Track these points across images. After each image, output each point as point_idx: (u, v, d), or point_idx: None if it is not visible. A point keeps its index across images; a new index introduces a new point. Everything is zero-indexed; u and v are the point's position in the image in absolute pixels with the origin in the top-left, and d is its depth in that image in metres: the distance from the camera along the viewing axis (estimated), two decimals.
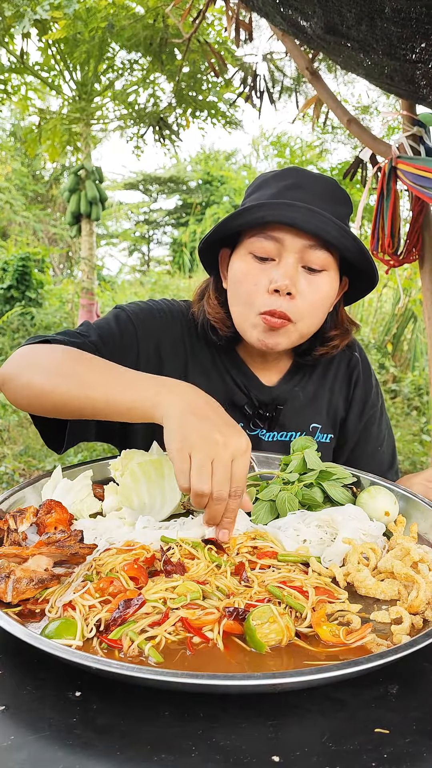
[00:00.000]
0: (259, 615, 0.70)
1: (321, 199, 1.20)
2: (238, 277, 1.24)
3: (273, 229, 1.18)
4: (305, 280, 1.20)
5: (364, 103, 6.72)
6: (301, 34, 2.06)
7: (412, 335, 8.54)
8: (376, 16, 1.64)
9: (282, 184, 1.23)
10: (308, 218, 1.15)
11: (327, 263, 1.21)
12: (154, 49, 6.28)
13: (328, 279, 1.23)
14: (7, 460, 5.06)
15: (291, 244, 1.18)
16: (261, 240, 1.20)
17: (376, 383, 1.50)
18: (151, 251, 20.79)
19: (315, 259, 1.19)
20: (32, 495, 1.06)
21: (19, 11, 4.92)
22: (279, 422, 1.38)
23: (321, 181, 1.25)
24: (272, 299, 1.19)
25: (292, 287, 1.18)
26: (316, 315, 1.24)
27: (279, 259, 1.20)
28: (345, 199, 1.27)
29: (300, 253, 1.19)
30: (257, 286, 1.21)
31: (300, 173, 1.26)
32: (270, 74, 4.64)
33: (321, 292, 1.22)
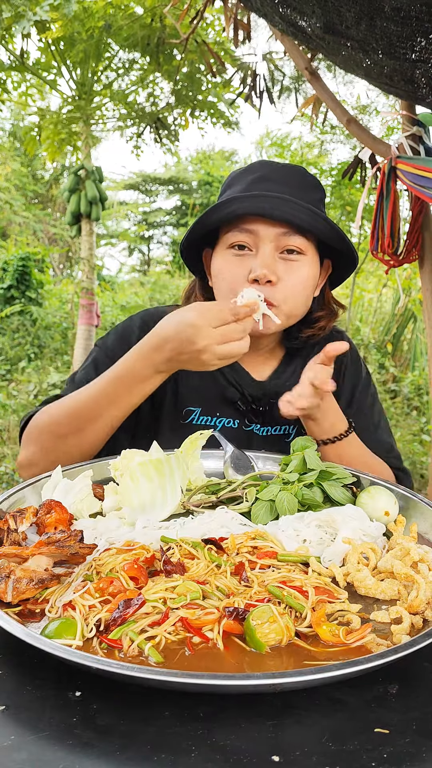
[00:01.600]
0: (259, 615, 0.70)
1: (290, 187, 1.25)
2: (219, 271, 1.29)
3: (246, 222, 1.24)
4: (283, 266, 1.25)
5: (363, 103, 6.72)
6: (300, 34, 2.06)
7: (412, 335, 8.55)
8: (376, 15, 1.64)
9: (251, 177, 1.29)
10: (278, 206, 1.20)
11: (303, 247, 1.26)
12: (152, 49, 6.28)
13: (307, 262, 1.27)
14: (7, 460, 5.06)
15: (265, 233, 1.23)
16: (236, 234, 1.25)
17: (366, 373, 1.52)
18: (151, 251, 20.79)
19: (291, 244, 1.24)
20: (32, 495, 1.06)
21: (18, 12, 4.92)
22: (272, 417, 1.39)
23: (288, 170, 1.30)
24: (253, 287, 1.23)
25: (271, 275, 1.22)
26: (298, 297, 1.28)
27: (256, 250, 1.25)
28: (315, 184, 1.32)
29: (275, 241, 1.24)
30: (237, 276, 1.25)
31: (267, 165, 1.32)
32: (270, 74, 4.64)
33: (300, 276, 1.26)
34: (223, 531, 0.96)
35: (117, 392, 1.18)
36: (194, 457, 1.23)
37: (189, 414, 1.40)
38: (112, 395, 1.18)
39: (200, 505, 1.07)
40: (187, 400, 1.40)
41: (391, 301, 9.30)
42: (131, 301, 11.37)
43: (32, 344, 8.78)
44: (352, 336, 9.10)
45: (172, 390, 1.40)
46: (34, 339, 8.85)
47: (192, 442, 1.23)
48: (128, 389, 1.18)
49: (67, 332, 9.33)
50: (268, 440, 1.40)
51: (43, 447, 1.24)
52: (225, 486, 1.14)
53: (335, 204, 8.56)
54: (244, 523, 1.01)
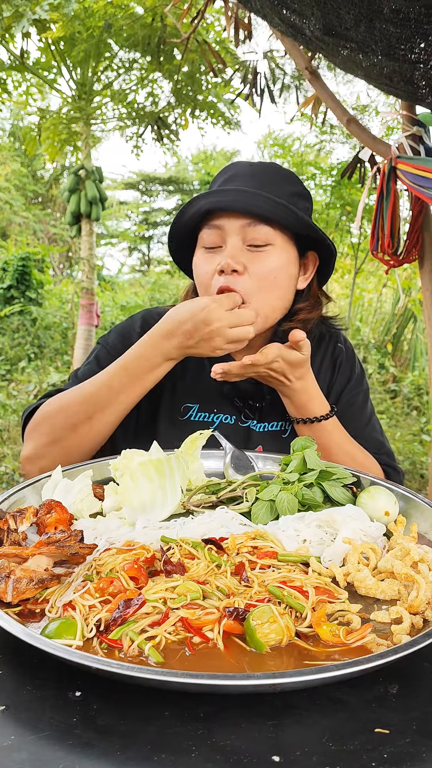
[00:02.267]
0: (259, 615, 0.70)
1: (257, 181, 1.28)
2: (195, 270, 1.34)
3: (213, 218, 1.28)
4: (251, 257, 1.27)
5: (363, 103, 6.72)
6: (300, 35, 2.06)
7: (412, 335, 8.55)
8: (375, 17, 1.64)
9: (222, 178, 1.34)
10: (237, 198, 1.24)
11: (270, 237, 1.27)
12: (152, 48, 6.28)
13: (276, 252, 1.28)
14: (7, 460, 5.06)
15: (229, 227, 1.26)
16: (207, 231, 1.30)
17: (361, 371, 1.53)
18: (151, 251, 20.79)
19: (257, 235, 1.26)
20: (32, 495, 1.06)
21: (18, 11, 4.92)
22: (269, 413, 1.40)
23: (259, 167, 1.34)
24: (220, 279, 1.26)
25: (235, 264, 1.24)
26: (269, 289, 1.28)
27: (224, 245, 1.28)
28: (288, 177, 1.34)
29: (240, 233, 1.26)
30: (207, 273, 1.29)
31: (238, 165, 1.36)
32: (271, 72, 4.64)
33: (268, 265, 1.27)
34: (223, 531, 0.96)
35: (128, 380, 1.23)
36: (194, 457, 1.23)
37: (187, 410, 1.41)
38: (123, 383, 1.23)
39: (200, 505, 1.08)
40: (185, 396, 1.41)
41: (391, 301, 9.30)
42: (131, 301, 11.38)
43: (32, 344, 8.79)
44: (352, 336, 9.10)
45: (169, 387, 1.41)
46: (34, 339, 8.85)
47: (192, 442, 1.23)
48: (138, 377, 1.23)
49: (67, 332, 9.33)
50: (264, 436, 1.41)
51: (52, 437, 1.26)
52: (225, 486, 1.14)
53: (335, 204, 8.56)
54: (244, 523, 1.01)
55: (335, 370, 1.49)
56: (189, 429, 1.27)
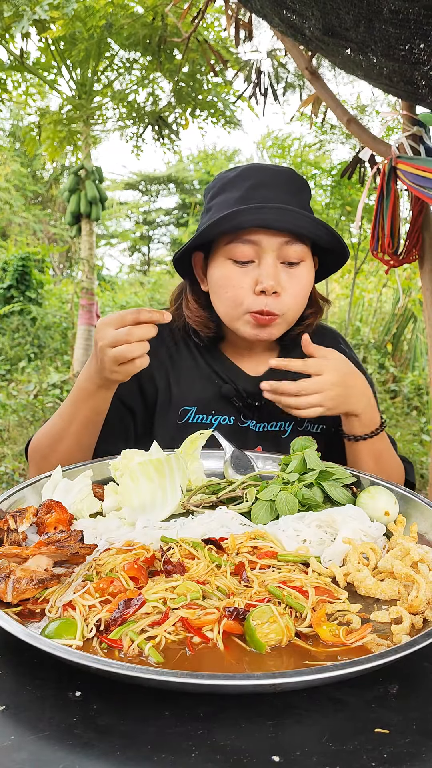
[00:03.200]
0: (259, 615, 0.70)
1: (285, 193, 1.25)
2: (221, 282, 1.28)
3: (248, 233, 1.23)
4: (286, 275, 1.26)
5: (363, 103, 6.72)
6: (300, 35, 2.06)
7: (412, 335, 8.55)
8: (374, 17, 1.64)
9: (246, 184, 1.27)
10: (280, 217, 1.20)
11: (303, 254, 1.27)
12: (153, 48, 6.28)
13: (306, 268, 1.29)
14: (7, 460, 5.06)
15: (268, 244, 1.23)
16: (238, 245, 1.24)
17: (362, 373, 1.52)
18: (151, 251, 20.79)
19: (292, 253, 1.25)
20: (32, 495, 1.06)
21: (18, 11, 4.92)
22: (268, 413, 1.40)
23: (281, 174, 1.29)
24: (259, 299, 1.24)
25: (277, 286, 1.23)
26: (300, 304, 1.30)
27: (259, 260, 1.25)
28: (304, 184, 1.32)
29: (277, 250, 1.24)
30: (243, 288, 1.25)
31: (259, 170, 1.30)
32: (274, 70, 4.63)
33: (302, 283, 1.28)
34: (223, 531, 0.96)
35: (74, 410, 1.25)
36: (194, 457, 1.23)
37: (185, 413, 1.40)
38: (71, 414, 1.26)
39: (200, 505, 1.08)
40: (182, 400, 1.41)
41: (391, 301, 9.30)
42: (131, 301, 11.37)
43: (32, 344, 8.78)
44: (352, 336, 9.10)
45: (165, 391, 1.40)
46: (34, 339, 8.85)
47: (192, 442, 1.23)
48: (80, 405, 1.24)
49: (67, 332, 9.33)
50: (263, 436, 1.41)
51: (36, 468, 1.33)
52: (225, 486, 1.14)
53: (335, 204, 8.56)
54: (244, 523, 1.01)
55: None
56: (188, 431, 1.27)
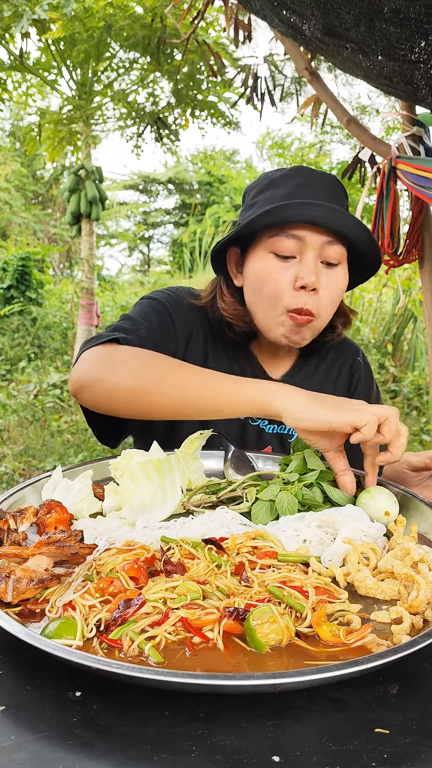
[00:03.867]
0: (259, 615, 0.70)
1: (329, 194, 1.25)
2: (260, 276, 1.27)
3: (294, 228, 1.22)
4: (325, 275, 1.25)
5: (364, 104, 6.72)
6: (300, 36, 2.06)
7: (412, 335, 8.55)
8: (375, 17, 1.64)
9: (293, 182, 1.27)
10: (328, 215, 1.20)
11: (342, 257, 1.26)
12: (152, 49, 6.28)
13: (343, 272, 1.28)
14: (7, 460, 5.06)
15: (312, 241, 1.22)
16: (282, 239, 1.23)
17: (376, 389, 1.55)
18: (151, 251, 20.79)
19: (333, 254, 1.24)
20: (32, 495, 1.06)
21: (17, 11, 4.92)
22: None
23: (325, 178, 1.29)
24: (298, 296, 1.23)
25: (317, 283, 1.23)
26: (333, 307, 1.30)
27: (300, 257, 1.24)
28: (345, 191, 1.32)
29: (319, 249, 1.23)
30: (282, 284, 1.24)
31: (306, 172, 1.31)
32: (271, 75, 4.63)
33: (338, 285, 1.27)
34: (223, 531, 0.96)
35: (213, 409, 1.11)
36: (194, 457, 1.23)
37: None
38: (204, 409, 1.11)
39: (200, 505, 1.08)
40: None
41: (391, 301, 9.30)
42: (131, 301, 11.37)
43: (32, 344, 8.78)
44: (352, 336, 9.11)
45: None
46: (34, 339, 8.85)
47: (192, 442, 1.23)
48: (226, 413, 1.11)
49: (67, 332, 9.33)
50: (274, 437, 1.42)
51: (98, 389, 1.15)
52: (225, 486, 1.14)
53: None
54: (244, 523, 1.01)
55: (352, 386, 1.50)
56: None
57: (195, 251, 13.10)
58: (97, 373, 1.15)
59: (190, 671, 0.61)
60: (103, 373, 1.15)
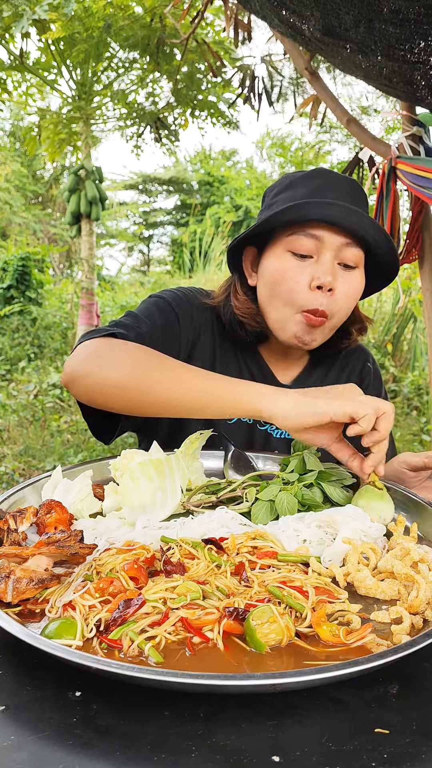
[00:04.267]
0: (259, 615, 0.70)
1: (350, 197, 1.25)
2: (277, 275, 1.26)
3: (313, 227, 1.22)
4: (341, 277, 1.25)
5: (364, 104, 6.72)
6: (299, 36, 2.06)
7: (412, 335, 8.55)
8: (374, 17, 1.64)
9: (313, 183, 1.26)
10: (347, 216, 1.19)
11: (359, 260, 1.26)
12: (152, 49, 6.28)
13: (360, 275, 1.28)
14: (7, 460, 5.06)
15: (330, 241, 1.22)
16: (301, 238, 1.22)
17: (385, 394, 1.55)
18: (151, 251, 20.79)
19: (350, 256, 1.24)
20: (32, 495, 1.06)
21: (17, 11, 4.92)
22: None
23: (346, 182, 1.29)
24: (314, 296, 1.22)
25: (334, 283, 1.22)
26: (348, 310, 1.29)
27: (317, 257, 1.23)
28: (366, 198, 1.32)
29: (337, 250, 1.23)
30: (299, 283, 1.23)
31: (327, 174, 1.30)
32: (269, 76, 4.64)
33: (354, 288, 1.27)
34: (223, 531, 0.96)
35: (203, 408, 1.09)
36: (194, 457, 1.23)
37: None
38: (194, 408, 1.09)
39: (200, 505, 1.08)
40: None
41: (391, 301, 9.30)
42: (131, 301, 11.37)
43: (32, 344, 8.78)
44: None
45: None
46: (34, 339, 8.85)
47: (192, 442, 1.23)
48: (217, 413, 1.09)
49: (67, 332, 9.33)
50: (282, 443, 1.41)
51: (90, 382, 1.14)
52: (225, 486, 1.14)
53: None
54: (244, 523, 1.01)
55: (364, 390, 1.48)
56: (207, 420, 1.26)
57: (195, 251, 13.10)
58: (88, 367, 1.14)
59: (190, 671, 0.61)
60: (94, 367, 1.14)
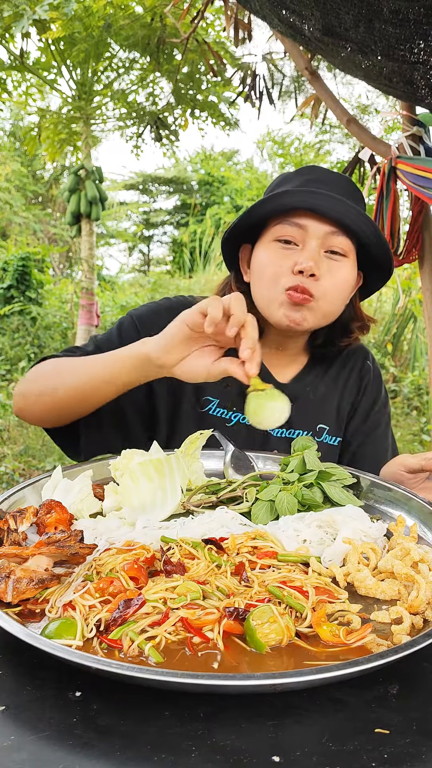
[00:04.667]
0: (259, 615, 0.70)
1: (341, 190, 1.27)
2: (263, 262, 1.30)
3: (297, 216, 1.25)
4: (327, 265, 1.27)
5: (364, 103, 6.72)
6: (299, 36, 2.06)
7: (412, 335, 8.55)
8: (374, 17, 1.64)
9: (304, 178, 1.31)
10: (331, 205, 1.23)
11: (347, 249, 1.28)
12: (152, 48, 6.28)
13: (348, 265, 1.29)
14: (7, 460, 5.06)
15: (314, 229, 1.25)
16: (285, 227, 1.27)
17: (385, 394, 1.54)
18: (151, 251, 20.79)
19: (337, 244, 1.26)
20: (32, 495, 1.06)
21: (18, 11, 4.92)
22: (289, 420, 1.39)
23: (341, 178, 1.33)
24: (295, 279, 1.25)
25: (316, 269, 1.24)
26: (336, 298, 1.30)
27: (303, 245, 1.26)
28: (361, 196, 1.34)
29: (322, 238, 1.26)
30: (282, 267, 1.27)
31: (321, 170, 1.34)
32: (269, 74, 4.63)
33: (341, 276, 1.28)
34: (223, 531, 0.96)
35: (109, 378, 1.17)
36: (194, 457, 1.23)
37: (207, 403, 1.41)
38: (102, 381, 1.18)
39: (200, 505, 1.08)
40: (207, 390, 1.40)
41: (391, 301, 9.30)
42: (131, 301, 11.37)
43: (32, 344, 8.78)
44: None
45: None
46: (34, 339, 8.84)
47: (192, 442, 1.23)
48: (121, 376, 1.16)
49: (67, 332, 9.33)
50: (281, 441, 1.41)
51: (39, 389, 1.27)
52: (225, 486, 1.14)
53: None
54: (244, 523, 1.01)
55: (361, 388, 1.50)
56: (207, 422, 1.28)
57: (195, 251, 13.10)
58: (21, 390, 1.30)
59: (190, 671, 0.61)
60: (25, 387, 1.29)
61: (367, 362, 1.52)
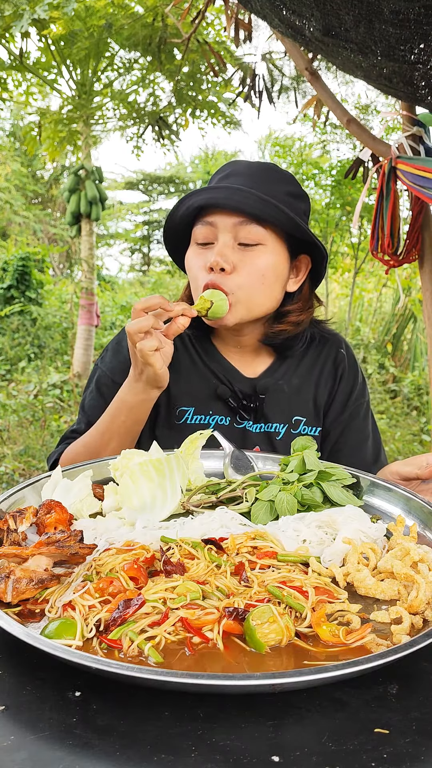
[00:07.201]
0: (259, 615, 0.70)
1: (252, 180, 1.29)
2: (188, 266, 1.36)
3: (206, 215, 1.29)
4: (241, 255, 1.28)
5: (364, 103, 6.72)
6: (299, 36, 2.06)
7: (412, 335, 8.55)
8: (375, 18, 1.64)
9: (219, 176, 1.35)
10: (230, 196, 1.25)
11: (261, 237, 1.28)
12: (153, 48, 6.28)
13: (265, 252, 1.29)
14: (7, 460, 5.06)
15: (222, 224, 1.28)
16: (199, 227, 1.31)
17: (363, 381, 1.52)
18: (151, 251, 20.78)
19: (248, 234, 1.27)
20: (32, 495, 1.06)
21: (18, 11, 4.92)
22: (263, 413, 1.40)
23: (255, 166, 1.34)
24: (209, 275, 1.28)
25: (224, 263, 1.26)
26: (256, 288, 1.30)
27: (216, 242, 1.29)
28: (285, 177, 1.35)
29: (232, 231, 1.28)
30: (198, 268, 1.31)
31: (236, 164, 1.37)
32: (269, 73, 4.63)
33: (256, 264, 1.28)
34: (223, 531, 0.96)
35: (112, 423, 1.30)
36: (194, 457, 1.23)
37: (182, 414, 1.41)
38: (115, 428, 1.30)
39: (200, 505, 1.08)
40: (179, 400, 1.42)
41: (391, 301, 9.31)
42: (131, 301, 11.37)
43: (32, 344, 8.78)
44: (352, 336, 9.11)
45: (164, 393, 1.41)
46: (34, 339, 8.85)
47: (192, 442, 1.23)
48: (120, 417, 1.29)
49: (67, 332, 9.33)
50: (260, 437, 1.41)
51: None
52: (225, 486, 1.14)
53: (335, 204, 8.56)
54: (244, 523, 1.01)
55: (337, 377, 1.48)
56: (186, 432, 1.27)
57: None
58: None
59: (189, 671, 0.61)
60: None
61: (340, 351, 1.50)
